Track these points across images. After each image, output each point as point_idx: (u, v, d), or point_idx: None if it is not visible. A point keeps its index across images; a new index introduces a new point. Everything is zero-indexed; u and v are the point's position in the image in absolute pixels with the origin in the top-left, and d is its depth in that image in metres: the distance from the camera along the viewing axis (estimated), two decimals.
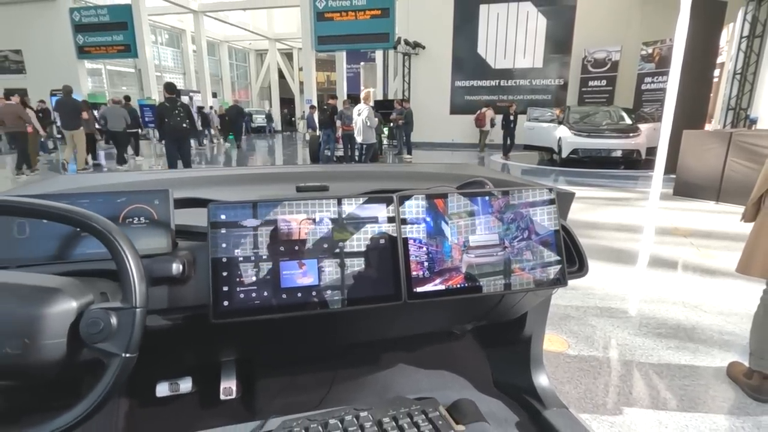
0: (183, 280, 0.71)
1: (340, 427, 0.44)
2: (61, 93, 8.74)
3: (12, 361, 0.47)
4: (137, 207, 0.74)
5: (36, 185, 1.04)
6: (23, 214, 0.57)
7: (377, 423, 0.45)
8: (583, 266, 0.92)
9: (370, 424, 0.44)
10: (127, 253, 0.52)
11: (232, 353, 1.00)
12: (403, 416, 0.46)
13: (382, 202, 0.76)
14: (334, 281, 0.72)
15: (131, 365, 0.52)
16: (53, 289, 0.51)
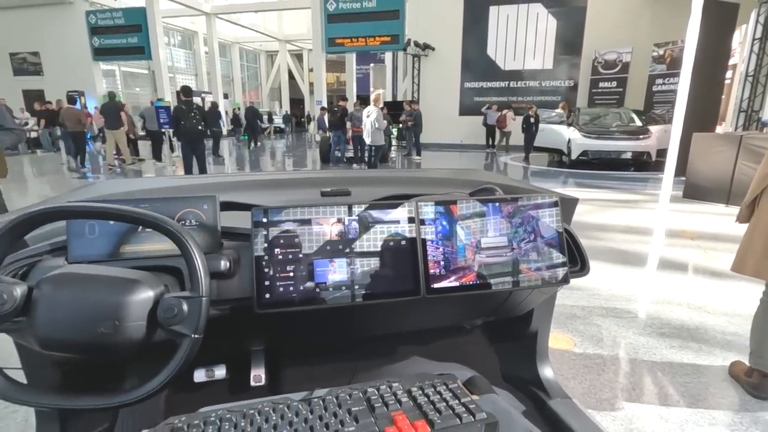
0: (229, 276, 0.81)
1: (377, 394, 0.53)
2: (107, 97, 10.07)
3: (105, 339, 0.58)
4: (189, 210, 0.84)
5: (90, 188, 1.15)
6: (116, 219, 0.67)
7: (407, 392, 0.54)
8: (584, 266, 1.01)
9: (402, 392, 0.54)
10: (195, 252, 0.63)
11: (262, 343, 1.10)
12: (428, 386, 0.55)
13: (403, 207, 0.85)
14: (361, 277, 0.81)
15: (198, 345, 0.62)
16: (135, 280, 0.61)
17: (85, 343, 0.57)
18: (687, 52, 8.02)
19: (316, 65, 14.87)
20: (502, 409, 0.54)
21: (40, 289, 0.58)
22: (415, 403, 0.51)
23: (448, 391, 0.53)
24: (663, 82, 12.80)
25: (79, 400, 0.58)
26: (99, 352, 0.59)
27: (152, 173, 9.61)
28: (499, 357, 1.38)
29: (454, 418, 0.48)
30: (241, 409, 0.52)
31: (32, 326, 0.58)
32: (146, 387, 0.59)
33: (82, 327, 0.57)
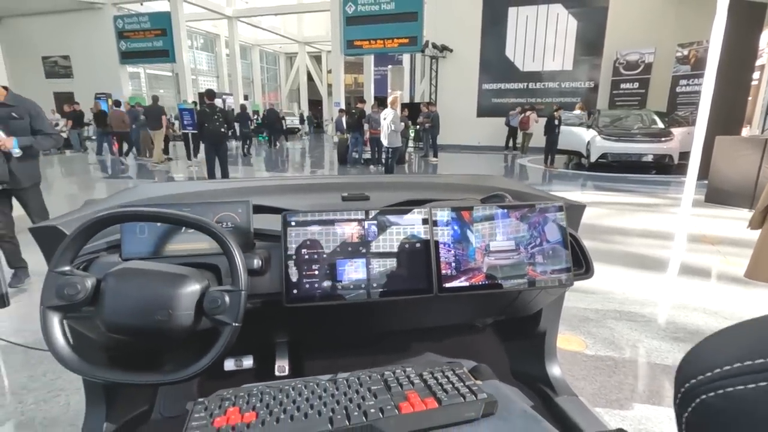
0: (261, 273, 0.90)
1: (393, 376, 0.61)
2: (151, 101, 11.35)
3: (161, 326, 0.67)
4: (225, 214, 0.94)
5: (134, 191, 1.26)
6: (174, 222, 0.77)
7: (419, 375, 0.62)
8: (588, 269, 1.07)
9: (414, 375, 0.62)
10: (236, 252, 0.72)
11: (286, 335, 1.19)
12: (437, 371, 0.63)
13: (418, 212, 0.93)
14: (378, 276, 0.90)
15: (237, 333, 0.71)
16: (185, 275, 0.71)
17: (144, 328, 0.67)
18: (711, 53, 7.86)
19: (335, 67, 15.06)
20: (501, 392, 0.61)
21: (107, 281, 0.68)
22: (426, 384, 0.59)
23: (455, 376, 0.61)
24: (687, 83, 12.53)
25: (139, 377, 0.68)
26: (155, 337, 0.69)
27: (183, 170, 10.20)
28: (509, 354, 1.44)
29: (459, 397, 0.55)
30: (278, 386, 0.61)
31: (100, 313, 0.68)
32: (194, 367, 0.68)
33: (142, 314, 0.67)
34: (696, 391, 0.25)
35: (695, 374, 0.25)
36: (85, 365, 0.67)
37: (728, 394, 0.23)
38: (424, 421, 0.52)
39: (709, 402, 0.24)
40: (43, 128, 2.85)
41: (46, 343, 0.66)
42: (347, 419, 0.52)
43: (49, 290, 0.66)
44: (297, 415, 0.53)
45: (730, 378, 0.23)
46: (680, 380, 0.26)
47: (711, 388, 0.24)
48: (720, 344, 0.26)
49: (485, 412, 0.55)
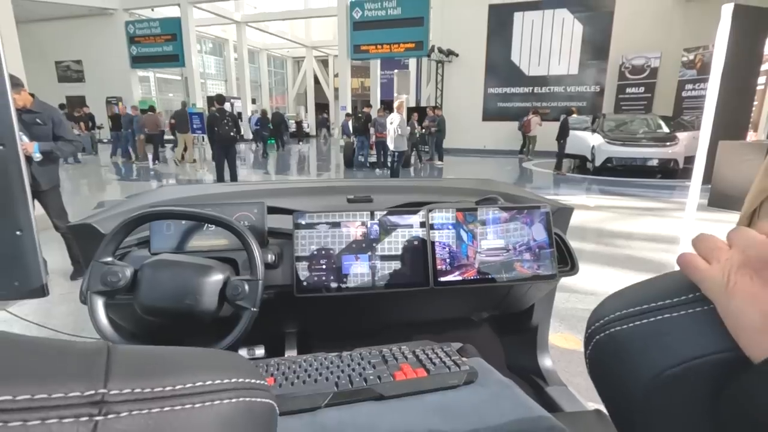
0: (274, 267, 1.01)
1: (390, 353, 0.71)
2: (180, 106, 12.13)
3: (190, 309, 0.78)
4: (243, 214, 1.04)
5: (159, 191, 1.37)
6: (204, 221, 0.88)
7: (412, 352, 0.72)
8: (573, 267, 1.16)
9: (408, 352, 0.71)
10: (254, 247, 0.82)
11: (296, 326, 1.29)
12: (428, 349, 0.73)
13: (416, 213, 1.03)
14: (380, 271, 1.00)
15: (255, 317, 0.81)
16: (210, 266, 0.81)
17: (175, 311, 0.78)
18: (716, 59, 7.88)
19: (342, 72, 15.21)
20: (482, 367, 0.71)
21: (143, 271, 0.79)
22: (417, 359, 0.68)
23: (443, 352, 0.70)
24: (693, 87, 12.54)
25: None
26: (185, 319, 0.79)
27: (208, 169, 10.55)
28: (504, 348, 1.53)
29: (445, 368, 0.65)
30: (292, 359, 0.71)
31: (137, 297, 0.78)
32: (218, 346, 0.79)
33: (174, 299, 0.77)
34: (593, 335, 0.35)
35: (593, 322, 0.35)
36: (125, 342, 0.77)
37: (612, 334, 0.33)
38: (415, 386, 0.62)
39: (601, 341, 0.34)
40: (64, 135, 2.98)
41: (92, 322, 0.76)
42: (350, 383, 0.61)
43: (94, 277, 0.77)
44: (308, 380, 0.62)
45: (613, 322, 0.33)
46: (586, 327, 0.36)
47: (601, 330, 0.34)
48: (611, 300, 0.36)
49: (467, 380, 0.64)
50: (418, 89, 18.87)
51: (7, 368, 0.19)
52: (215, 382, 0.24)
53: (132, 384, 0.22)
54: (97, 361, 0.21)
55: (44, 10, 16.58)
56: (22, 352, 0.20)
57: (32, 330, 2.45)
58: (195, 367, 0.25)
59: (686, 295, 0.31)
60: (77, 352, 0.21)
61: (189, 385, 0.23)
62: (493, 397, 0.61)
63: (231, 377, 0.26)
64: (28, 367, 0.19)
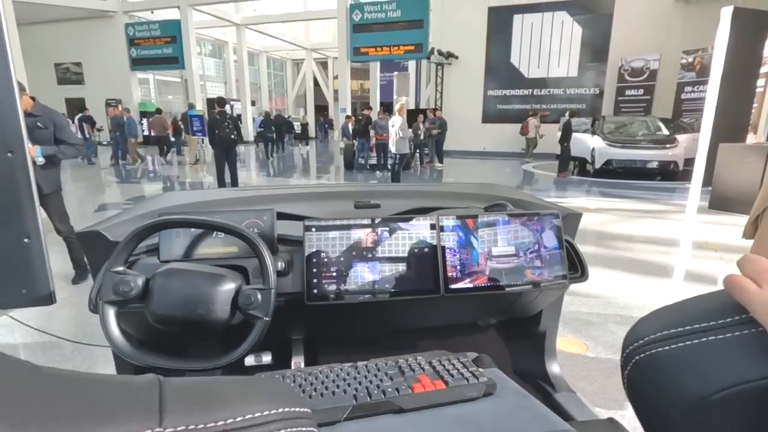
0: (284, 274, 1.00)
1: (406, 363, 0.70)
2: (188, 109, 12.52)
3: (203, 318, 0.77)
4: (253, 221, 1.03)
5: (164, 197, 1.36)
6: (215, 229, 0.87)
7: (428, 362, 0.71)
8: (584, 273, 1.15)
9: (424, 362, 0.71)
10: (267, 255, 0.81)
11: (303, 333, 1.28)
12: (444, 360, 0.72)
13: (427, 219, 1.02)
14: (391, 277, 0.99)
15: (267, 326, 0.80)
16: (222, 275, 0.81)
17: (188, 320, 0.77)
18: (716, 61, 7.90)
19: (341, 74, 15.24)
20: (499, 378, 0.70)
21: (155, 280, 0.78)
22: (434, 370, 0.68)
23: (460, 363, 0.70)
24: (692, 89, 12.57)
25: (184, 364, 0.77)
26: (197, 328, 0.78)
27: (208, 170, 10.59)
28: (512, 353, 1.52)
29: (463, 380, 0.64)
30: (307, 371, 0.70)
31: (149, 307, 0.77)
32: (232, 355, 0.78)
33: (186, 308, 0.77)
34: (632, 354, 0.34)
35: (632, 342, 0.34)
36: (137, 352, 0.77)
37: (652, 355, 0.32)
38: (434, 399, 0.61)
39: (641, 361, 0.33)
40: (66, 138, 2.97)
41: (104, 332, 0.76)
42: (369, 396, 0.61)
43: (106, 287, 0.76)
44: (326, 393, 0.62)
45: (653, 343, 0.32)
46: (623, 347, 0.36)
47: (641, 351, 0.33)
48: (650, 319, 0.35)
49: (486, 392, 0.63)
50: (418, 91, 18.90)
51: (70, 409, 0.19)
52: (264, 413, 0.24)
53: (186, 420, 0.23)
54: (151, 397, 0.21)
55: (44, 13, 16.59)
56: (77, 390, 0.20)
57: (33, 336, 2.43)
58: (243, 399, 0.24)
59: (732, 317, 0.30)
60: (131, 388, 0.21)
61: (240, 419, 0.23)
62: (512, 409, 0.60)
63: (278, 407, 0.25)
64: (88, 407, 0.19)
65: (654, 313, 0.36)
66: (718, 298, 0.32)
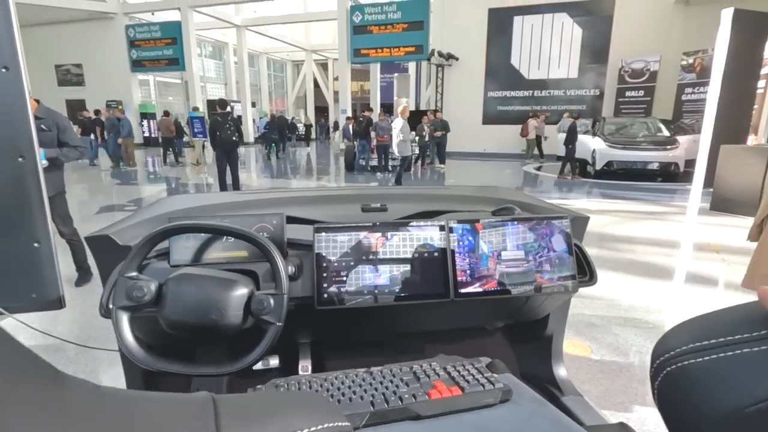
0: (294, 279, 1.00)
1: (421, 369, 0.70)
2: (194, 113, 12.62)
3: (215, 324, 0.77)
4: (263, 225, 1.03)
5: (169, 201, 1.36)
6: (228, 234, 0.87)
7: (443, 368, 0.71)
8: (592, 277, 1.15)
9: (439, 368, 0.71)
10: (279, 260, 0.81)
11: (310, 336, 1.28)
12: (459, 365, 0.72)
13: (436, 223, 1.02)
14: (400, 282, 0.99)
15: (280, 331, 0.80)
16: (235, 280, 0.81)
17: (201, 326, 0.77)
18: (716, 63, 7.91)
19: (342, 75, 15.25)
20: (514, 383, 0.70)
21: (168, 285, 0.78)
22: (449, 375, 0.68)
23: (474, 369, 0.70)
24: (693, 91, 12.58)
25: (197, 369, 0.77)
26: (210, 333, 0.78)
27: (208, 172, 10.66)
28: (518, 357, 1.52)
29: (479, 386, 0.64)
30: (323, 377, 0.70)
31: (162, 312, 0.77)
32: (245, 360, 0.78)
33: (199, 314, 0.77)
34: (663, 366, 0.34)
35: (662, 353, 0.34)
36: (149, 358, 0.77)
37: (684, 367, 0.32)
38: (450, 406, 0.61)
39: (672, 373, 0.33)
40: (69, 141, 2.97)
41: (117, 338, 0.76)
42: (386, 402, 0.61)
43: (119, 293, 0.76)
44: (343, 399, 0.62)
45: (685, 355, 0.32)
46: (653, 358, 0.36)
47: (672, 363, 0.33)
48: (681, 330, 0.35)
49: (502, 398, 0.63)
50: (418, 93, 18.92)
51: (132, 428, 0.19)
52: (311, 429, 0.24)
53: None
54: (207, 415, 0.21)
55: (45, 14, 16.60)
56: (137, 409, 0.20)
57: (38, 338, 2.43)
58: (291, 414, 0.25)
59: (766, 330, 0.30)
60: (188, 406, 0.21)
61: None
62: (530, 415, 0.60)
63: (323, 421, 0.26)
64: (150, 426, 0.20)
65: (684, 324, 0.36)
66: (751, 310, 0.32)
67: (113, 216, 6.01)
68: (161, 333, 0.82)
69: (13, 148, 0.84)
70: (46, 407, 0.19)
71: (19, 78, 0.84)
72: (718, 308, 0.35)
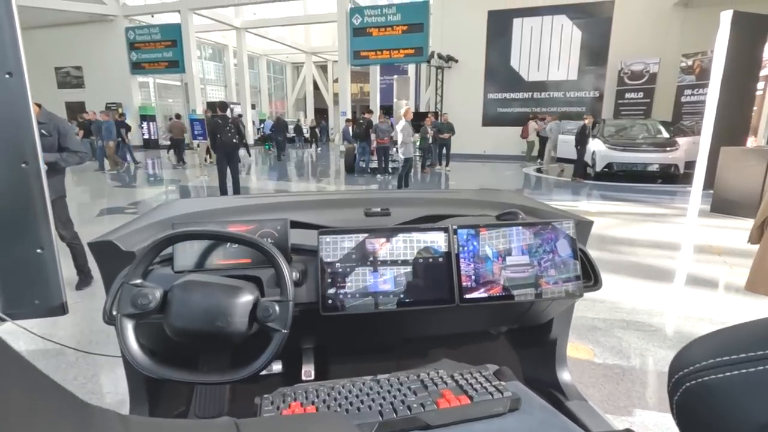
0: (298, 284, 0.99)
1: (428, 378, 0.70)
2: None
3: (221, 331, 0.76)
4: (266, 231, 1.03)
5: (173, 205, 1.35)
6: (232, 241, 0.86)
7: (450, 376, 0.70)
8: (597, 282, 1.15)
9: (446, 376, 0.70)
10: (284, 267, 0.81)
11: (313, 342, 1.27)
12: (467, 373, 0.71)
13: (441, 229, 1.02)
14: (405, 287, 0.98)
15: (285, 339, 0.80)
16: (240, 287, 0.80)
17: (207, 334, 0.76)
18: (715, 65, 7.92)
19: (342, 77, 15.26)
20: (522, 391, 0.70)
21: (173, 292, 0.78)
22: (457, 384, 0.67)
23: (482, 377, 0.69)
24: (692, 92, 12.60)
25: (202, 377, 0.76)
26: (215, 340, 0.78)
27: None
28: (522, 361, 1.52)
29: (488, 395, 0.64)
30: (330, 385, 0.70)
31: (167, 319, 0.77)
32: (251, 368, 0.77)
33: (205, 321, 0.76)
34: (682, 381, 0.33)
35: (682, 368, 0.34)
36: (154, 366, 0.76)
37: (705, 383, 0.32)
38: (459, 415, 0.61)
39: (691, 389, 0.33)
40: (69, 146, 2.96)
41: (121, 345, 0.75)
42: (394, 412, 0.60)
43: (125, 300, 0.75)
44: (351, 409, 0.61)
45: (706, 370, 0.32)
46: (671, 372, 0.35)
47: (693, 378, 0.33)
48: (701, 345, 0.35)
49: (511, 407, 0.63)
50: (418, 95, 18.94)
51: None
52: None
53: None
54: None
55: (45, 17, 16.61)
56: None
57: (38, 343, 2.42)
58: None
59: None
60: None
61: None
62: (540, 425, 0.59)
63: None
64: None
65: (703, 339, 0.36)
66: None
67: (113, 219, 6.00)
68: (164, 340, 0.82)
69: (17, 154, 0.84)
70: None
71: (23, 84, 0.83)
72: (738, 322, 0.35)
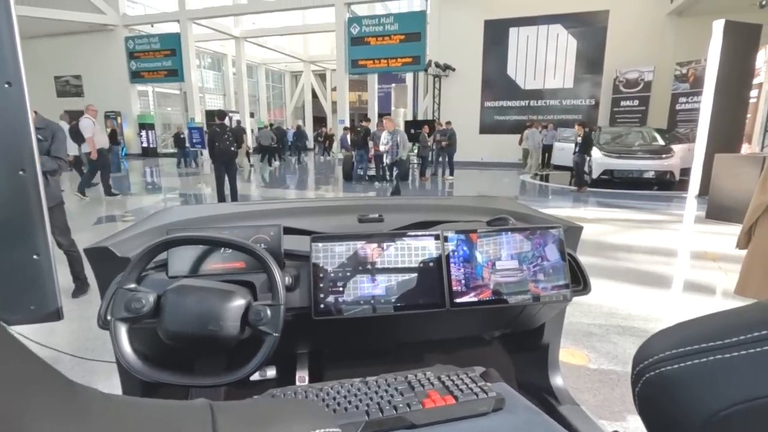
0: (291, 289, 1.01)
1: (415, 379, 0.71)
2: None
3: (214, 335, 0.78)
4: (260, 236, 1.05)
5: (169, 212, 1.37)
6: (226, 246, 0.88)
7: (437, 378, 0.72)
8: (586, 286, 1.17)
9: (434, 378, 0.72)
10: (276, 271, 0.83)
11: (307, 347, 1.29)
12: (453, 375, 0.73)
13: (431, 234, 1.04)
14: (396, 292, 1.00)
15: (277, 342, 0.81)
16: (233, 291, 0.82)
17: (200, 337, 0.78)
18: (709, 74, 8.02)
19: (340, 86, 15.36)
20: (507, 392, 0.71)
21: (167, 296, 0.79)
22: (444, 385, 0.69)
23: (468, 378, 0.71)
24: (686, 100, 12.73)
25: (195, 380, 0.78)
26: (208, 344, 0.79)
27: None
28: (515, 366, 1.53)
29: (473, 395, 0.65)
30: (319, 387, 0.71)
31: (161, 324, 0.78)
32: (242, 371, 0.78)
33: (198, 325, 0.77)
34: (643, 372, 0.35)
35: (643, 360, 0.36)
36: (148, 369, 0.77)
37: (662, 373, 0.33)
38: (444, 414, 0.62)
39: (651, 379, 0.34)
40: (53, 151, 2.96)
41: (114, 349, 0.76)
42: (380, 412, 0.62)
43: (118, 305, 0.77)
44: (338, 409, 0.62)
45: (664, 361, 0.34)
46: (634, 365, 0.37)
47: (652, 369, 0.34)
48: (660, 337, 0.37)
49: (495, 407, 0.64)
50: (415, 103, 19.07)
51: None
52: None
53: None
54: (205, 420, 0.22)
55: (45, 27, 16.72)
56: (140, 415, 0.21)
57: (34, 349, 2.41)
58: (286, 420, 0.26)
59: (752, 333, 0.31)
60: (186, 412, 0.22)
61: None
62: (523, 424, 0.61)
63: (316, 426, 0.26)
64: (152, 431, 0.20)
65: (664, 331, 0.37)
66: (727, 317, 0.34)
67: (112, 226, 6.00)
68: (158, 344, 0.83)
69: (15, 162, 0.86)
70: (65, 421, 0.20)
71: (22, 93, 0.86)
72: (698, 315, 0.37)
